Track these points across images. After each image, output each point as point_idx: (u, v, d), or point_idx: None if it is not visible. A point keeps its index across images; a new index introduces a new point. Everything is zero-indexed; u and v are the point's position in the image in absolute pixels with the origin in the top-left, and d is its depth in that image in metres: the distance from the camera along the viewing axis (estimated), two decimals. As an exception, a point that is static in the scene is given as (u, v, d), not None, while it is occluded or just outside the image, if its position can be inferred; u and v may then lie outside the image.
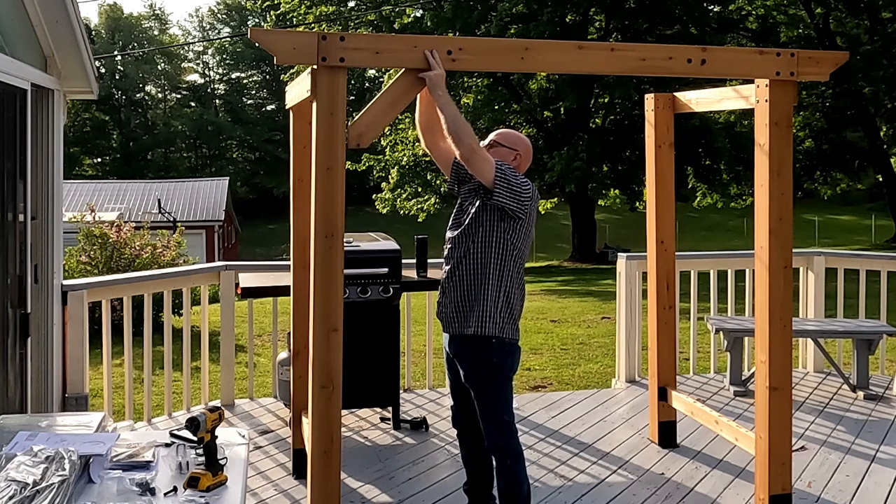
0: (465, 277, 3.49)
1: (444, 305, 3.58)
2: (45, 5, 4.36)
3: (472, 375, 3.53)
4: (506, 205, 3.41)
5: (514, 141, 3.66)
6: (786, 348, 3.83)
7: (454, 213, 3.64)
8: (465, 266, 3.49)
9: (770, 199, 3.75)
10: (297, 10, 25.90)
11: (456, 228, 3.56)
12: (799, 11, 26.37)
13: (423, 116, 3.67)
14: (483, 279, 3.45)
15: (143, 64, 58.64)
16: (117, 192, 33.34)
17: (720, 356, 6.72)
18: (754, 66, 3.75)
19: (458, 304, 3.51)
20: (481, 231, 3.46)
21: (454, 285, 3.52)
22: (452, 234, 3.57)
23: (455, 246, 3.54)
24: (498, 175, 3.39)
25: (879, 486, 4.34)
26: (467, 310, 3.47)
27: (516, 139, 3.67)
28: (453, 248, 3.54)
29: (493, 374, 3.50)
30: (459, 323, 3.50)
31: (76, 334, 4.77)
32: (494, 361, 3.49)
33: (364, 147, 3.38)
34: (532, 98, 25.33)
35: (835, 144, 28.16)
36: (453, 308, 3.53)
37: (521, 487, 3.51)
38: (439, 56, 3.35)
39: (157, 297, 5.67)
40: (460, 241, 3.52)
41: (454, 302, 3.52)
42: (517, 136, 3.69)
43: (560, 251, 32.18)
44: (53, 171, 4.57)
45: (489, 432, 3.51)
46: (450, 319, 3.55)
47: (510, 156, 3.59)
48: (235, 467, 2.43)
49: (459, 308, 3.50)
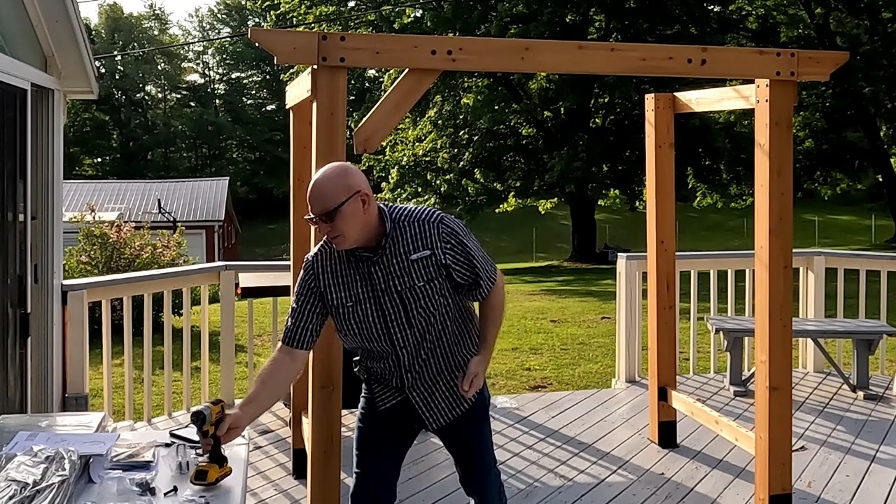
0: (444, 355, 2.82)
1: (437, 401, 2.83)
2: (45, 5, 4.36)
3: (475, 436, 2.94)
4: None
5: (346, 185, 2.54)
6: (786, 348, 3.83)
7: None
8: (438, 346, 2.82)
9: (770, 199, 3.75)
10: (297, 10, 25.92)
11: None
12: (799, 11, 26.36)
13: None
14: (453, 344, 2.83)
15: (143, 64, 58.64)
16: (117, 192, 33.35)
17: (720, 356, 6.72)
18: (754, 66, 3.75)
19: (450, 386, 2.84)
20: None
21: (441, 372, 2.83)
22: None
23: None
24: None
25: (879, 486, 4.34)
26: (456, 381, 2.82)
27: (345, 179, 2.55)
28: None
29: (487, 422, 2.98)
30: (460, 401, 2.86)
31: (76, 334, 4.77)
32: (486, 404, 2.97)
33: (370, 152, 3.37)
34: (532, 98, 25.34)
35: (835, 144, 28.14)
36: (448, 395, 2.84)
37: None
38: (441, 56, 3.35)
39: (157, 297, 5.67)
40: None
41: (447, 389, 2.83)
42: (341, 173, 2.57)
43: (560, 251, 32.19)
44: (53, 171, 4.57)
45: (488, 489, 2.95)
46: (447, 409, 2.85)
47: (358, 205, 2.53)
48: (235, 467, 2.43)
49: (453, 389, 2.84)
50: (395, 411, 2.84)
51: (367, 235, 2.58)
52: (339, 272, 2.65)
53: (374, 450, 2.89)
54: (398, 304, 2.62)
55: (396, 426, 2.87)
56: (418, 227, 2.61)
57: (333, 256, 2.66)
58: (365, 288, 2.62)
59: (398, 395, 2.82)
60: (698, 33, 23.78)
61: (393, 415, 2.85)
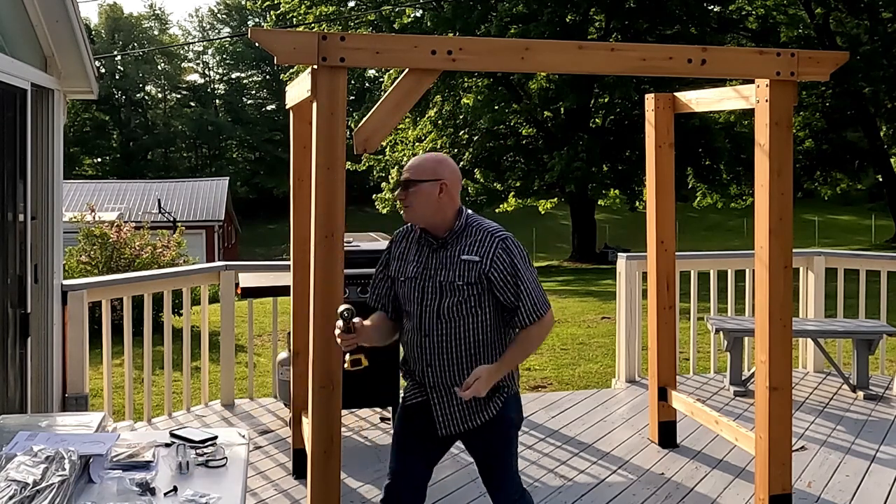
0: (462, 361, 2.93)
1: (452, 408, 2.93)
2: (45, 5, 4.36)
3: (499, 449, 2.98)
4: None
5: (429, 168, 2.85)
6: (786, 348, 3.83)
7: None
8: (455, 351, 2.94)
9: (770, 199, 3.75)
10: (297, 10, 25.91)
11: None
12: (799, 11, 26.36)
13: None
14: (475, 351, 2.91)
15: (143, 64, 58.63)
16: (117, 192, 33.35)
17: (720, 356, 6.72)
18: (754, 66, 3.75)
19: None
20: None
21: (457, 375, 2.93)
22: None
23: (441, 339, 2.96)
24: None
25: (879, 486, 4.34)
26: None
27: (431, 164, 2.87)
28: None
29: (512, 439, 3.02)
30: (484, 406, 2.93)
31: (76, 334, 4.77)
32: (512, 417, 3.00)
33: (370, 152, 3.38)
34: (532, 98, 25.34)
35: (835, 144, 28.13)
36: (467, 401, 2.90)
37: None
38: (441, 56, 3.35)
39: (157, 297, 5.67)
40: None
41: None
42: (425, 161, 2.90)
43: (560, 251, 32.18)
44: (53, 171, 4.57)
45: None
46: (468, 417, 2.93)
47: (434, 193, 2.81)
48: (235, 467, 2.43)
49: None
50: (419, 410, 2.96)
51: (436, 222, 2.85)
52: (407, 249, 2.95)
53: (401, 446, 3.00)
54: (436, 293, 2.83)
55: (422, 427, 2.96)
56: (481, 236, 2.84)
57: (411, 237, 2.96)
58: (418, 269, 2.88)
59: (422, 394, 2.95)
60: (698, 33, 23.78)
61: (418, 414, 2.97)
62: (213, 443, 2.56)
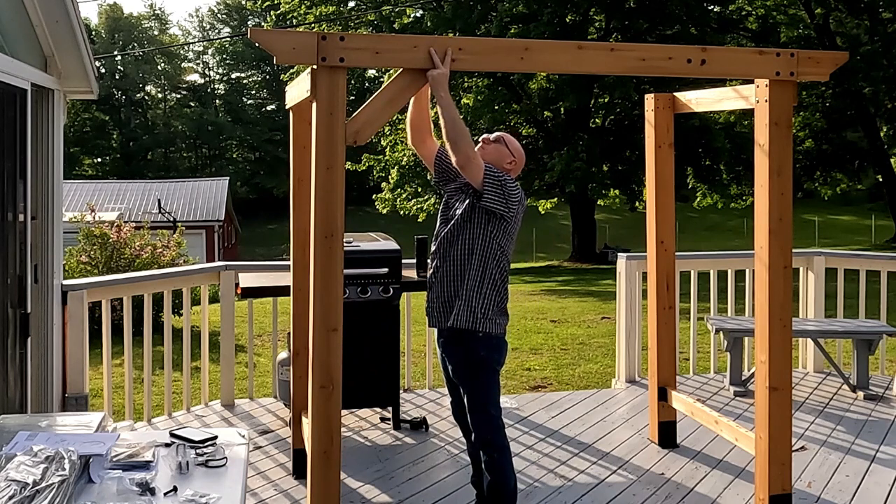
0: (450, 273, 3.56)
1: (432, 301, 3.65)
2: (45, 5, 4.36)
3: (460, 369, 3.60)
4: (495, 208, 3.48)
5: (516, 147, 3.76)
6: (786, 348, 3.83)
7: (441, 209, 3.73)
8: (450, 262, 3.57)
9: (770, 199, 3.75)
10: (297, 10, 25.90)
11: (444, 225, 3.64)
12: (799, 11, 26.36)
13: (414, 115, 3.80)
14: (468, 275, 3.52)
15: (143, 64, 58.65)
16: (117, 192, 33.36)
17: (720, 356, 6.72)
18: (754, 66, 3.75)
19: (444, 299, 3.58)
20: (468, 229, 3.53)
21: (440, 280, 3.60)
22: (440, 231, 3.65)
23: (442, 242, 3.61)
24: (487, 179, 3.46)
25: (879, 486, 4.34)
26: (453, 304, 3.54)
27: (517, 146, 3.78)
28: (441, 245, 3.62)
29: (480, 368, 3.57)
30: (446, 317, 3.57)
31: (76, 334, 4.77)
32: (482, 355, 3.55)
33: (360, 144, 3.38)
34: (532, 98, 25.33)
35: (835, 144, 28.13)
36: (440, 303, 3.60)
37: (507, 481, 3.55)
38: (442, 56, 3.35)
39: (157, 297, 5.67)
40: (447, 238, 3.59)
41: (440, 297, 3.59)
42: (518, 144, 3.81)
43: (560, 251, 32.19)
44: (53, 171, 4.57)
45: (476, 425, 3.58)
46: (437, 315, 3.62)
47: (507, 158, 3.67)
48: (235, 467, 2.43)
49: (446, 303, 3.57)
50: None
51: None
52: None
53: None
54: (451, 204, 3.67)
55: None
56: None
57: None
58: (459, 178, 3.63)
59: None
60: (698, 33, 23.77)
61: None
62: (213, 443, 2.56)
